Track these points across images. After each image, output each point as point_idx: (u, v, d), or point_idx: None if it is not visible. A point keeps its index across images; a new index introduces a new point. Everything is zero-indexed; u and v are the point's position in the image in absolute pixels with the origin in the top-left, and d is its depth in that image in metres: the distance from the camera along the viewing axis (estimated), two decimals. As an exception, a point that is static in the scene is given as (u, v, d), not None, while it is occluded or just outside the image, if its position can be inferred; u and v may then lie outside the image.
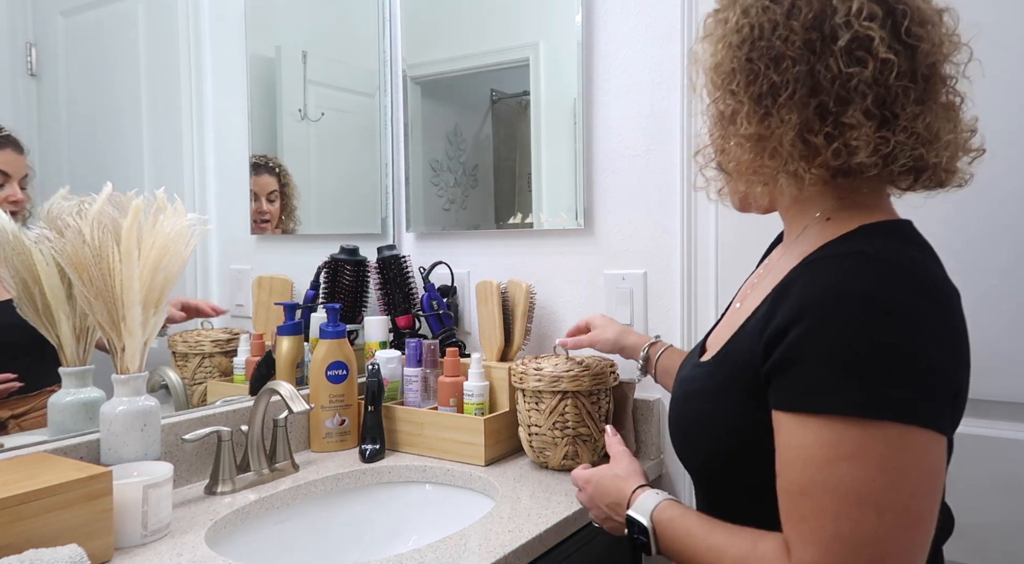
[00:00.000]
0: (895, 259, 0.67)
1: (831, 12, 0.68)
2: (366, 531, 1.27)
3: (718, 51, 0.74)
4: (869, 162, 0.69)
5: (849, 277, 0.65)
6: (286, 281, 1.51)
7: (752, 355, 0.71)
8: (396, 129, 1.75)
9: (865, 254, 0.67)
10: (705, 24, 0.78)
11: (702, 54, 0.77)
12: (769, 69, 0.70)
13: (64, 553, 0.84)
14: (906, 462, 0.62)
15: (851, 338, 0.63)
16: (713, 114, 0.78)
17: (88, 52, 1.22)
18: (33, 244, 1.07)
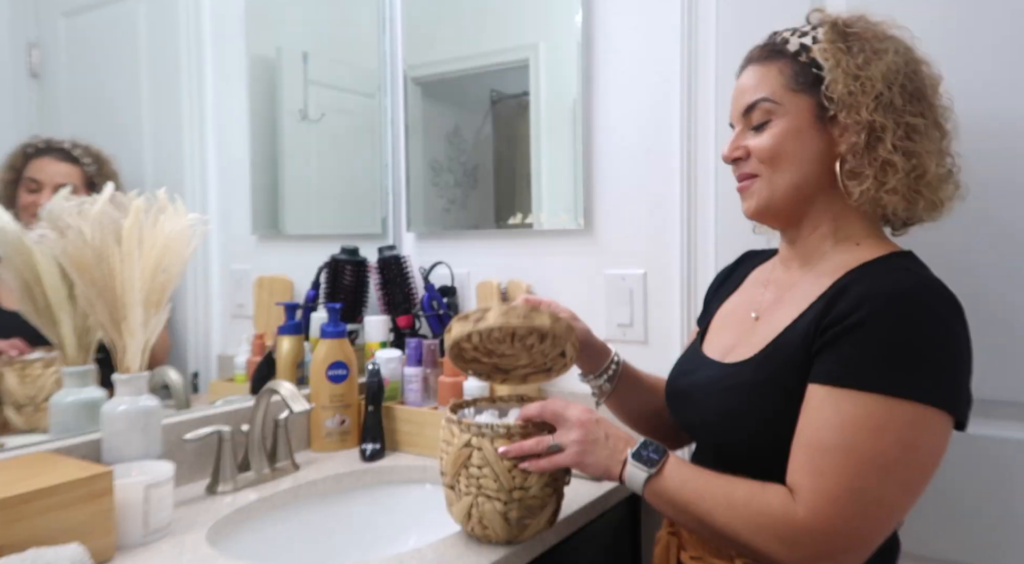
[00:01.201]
0: (930, 276, 0.82)
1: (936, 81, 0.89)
2: (366, 531, 1.27)
3: (872, 68, 0.84)
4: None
5: (902, 283, 0.78)
6: (286, 281, 1.51)
7: (805, 342, 0.81)
8: (396, 129, 1.75)
9: (910, 270, 0.82)
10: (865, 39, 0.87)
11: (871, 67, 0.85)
12: (932, 107, 0.87)
13: (66, 552, 0.84)
14: (920, 439, 0.75)
15: (899, 330, 0.75)
16: (885, 122, 0.84)
17: (89, 52, 1.22)
18: (34, 244, 1.08)
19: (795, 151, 0.88)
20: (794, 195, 0.90)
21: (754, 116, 0.91)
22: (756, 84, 0.92)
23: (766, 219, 0.95)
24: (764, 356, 0.86)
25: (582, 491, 1.18)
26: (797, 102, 0.89)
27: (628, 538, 1.32)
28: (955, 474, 1.10)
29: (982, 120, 1.05)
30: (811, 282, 0.88)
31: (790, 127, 0.88)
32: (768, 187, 0.90)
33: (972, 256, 1.08)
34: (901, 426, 0.74)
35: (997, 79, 1.07)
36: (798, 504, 0.76)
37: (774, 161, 0.89)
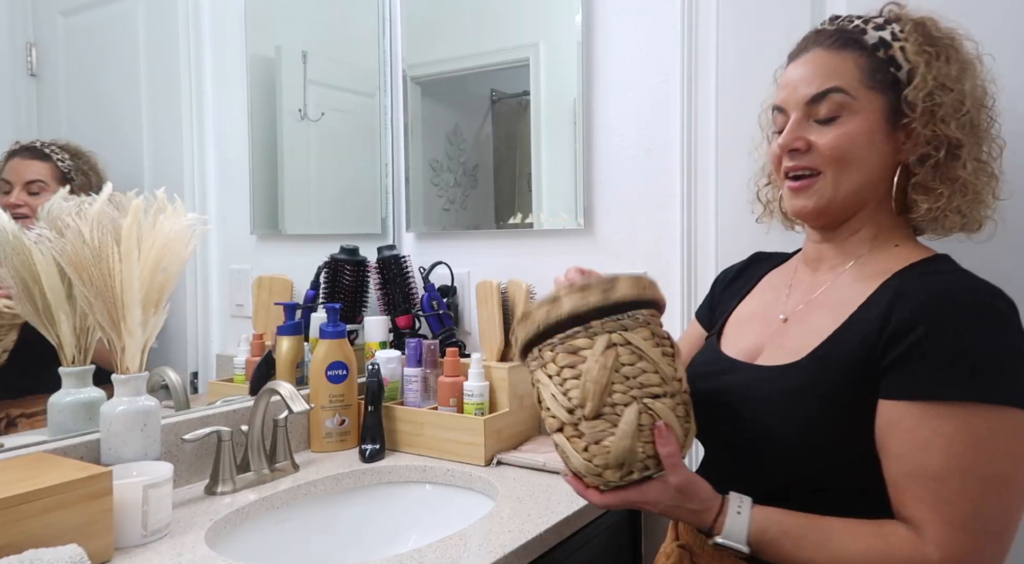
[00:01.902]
0: (980, 279, 0.78)
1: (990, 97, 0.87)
2: (366, 531, 1.27)
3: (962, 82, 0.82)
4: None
5: (964, 287, 0.76)
6: (286, 281, 1.51)
7: (864, 352, 0.76)
8: (396, 129, 1.75)
9: (960, 271, 0.79)
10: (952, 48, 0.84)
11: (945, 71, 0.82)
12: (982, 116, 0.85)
13: (64, 553, 0.84)
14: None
15: (978, 335, 0.72)
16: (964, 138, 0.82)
17: (88, 52, 1.22)
18: (33, 244, 1.08)
19: (865, 154, 0.83)
20: (854, 200, 0.85)
21: (822, 107, 0.84)
22: (828, 72, 0.84)
23: (816, 221, 0.90)
24: (813, 361, 0.80)
25: (582, 491, 1.18)
26: (871, 100, 0.83)
27: (628, 539, 1.32)
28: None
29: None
30: (850, 284, 0.85)
31: (862, 127, 0.83)
32: (832, 188, 0.85)
33: (999, 264, 1.07)
34: (1007, 435, 0.70)
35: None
36: (928, 542, 0.71)
37: (842, 162, 0.83)
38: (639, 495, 0.80)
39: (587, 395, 0.77)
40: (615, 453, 0.76)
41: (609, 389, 0.77)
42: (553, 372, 0.80)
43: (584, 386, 0.77)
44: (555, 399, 0.79)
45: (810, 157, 0.85)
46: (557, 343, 0.79)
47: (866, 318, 0.78)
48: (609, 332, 0.78)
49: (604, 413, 0.77)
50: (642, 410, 0.77)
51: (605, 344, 0.77)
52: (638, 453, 0.77)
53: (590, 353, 0.77)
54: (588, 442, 0.78)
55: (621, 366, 0.77)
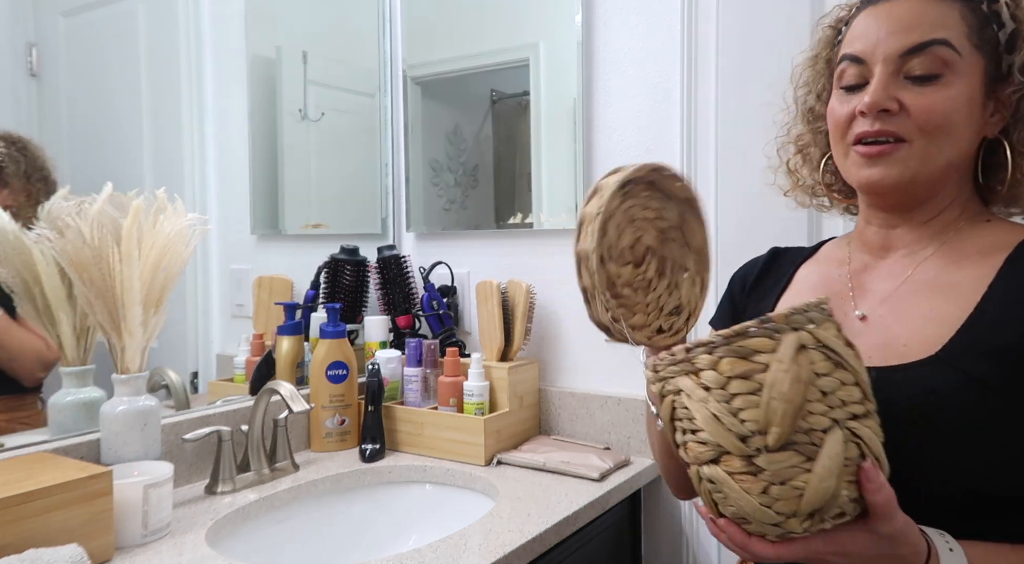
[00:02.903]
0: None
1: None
2: (366, 531, 1.27)
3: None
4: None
5: None
6: (286, 281, 1.51)
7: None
8: (396, 129, 1.75)
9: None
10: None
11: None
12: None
13: (64, 553, 0.84)
14: None
15: None
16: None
17: (88, 52, 1.22)
18: (33, 244, 1.08)
19: (962, 123, 0.71)
20: (941, 175, 0.73)
21: (920, 62, 0.70)
22: (932, 20, 0.70)
23: (893, 195, 0.76)
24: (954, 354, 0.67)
25: (581, 491, 1.18)
26: (974, 61, 0.70)
27: (628, 538, 1.32)
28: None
29: None
30: (947, 266, 0.73)
31: (965, 92, 0.70)
32: (921, 159, 0.71)
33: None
34: None
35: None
36: None
37: (939, 131, 0.70)
38: (830, 545, 0.61)
39: (773, 418, 0.57)
40: (811, 497, 0.57)
41: (804, 410, 0.57)
42: (713, 383, 0.60)
43: (769, 405, 0.57)
44: (718, 421, 0.59)
45: (899, 122, 0.71)
46: (720, 343, 0.60)
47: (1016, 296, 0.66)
48: (795, 328, 0.58)
49: (796, 442, 0.57)
50: (847, 438, 0.58)
51: (795, 346, 0.57)
52: (841, 496, 0.58)
53: (774, 359, 0.57)
54: (769, 481, 0.58)
55: (817, 377, 0.58)
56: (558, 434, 1.49)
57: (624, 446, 1.39)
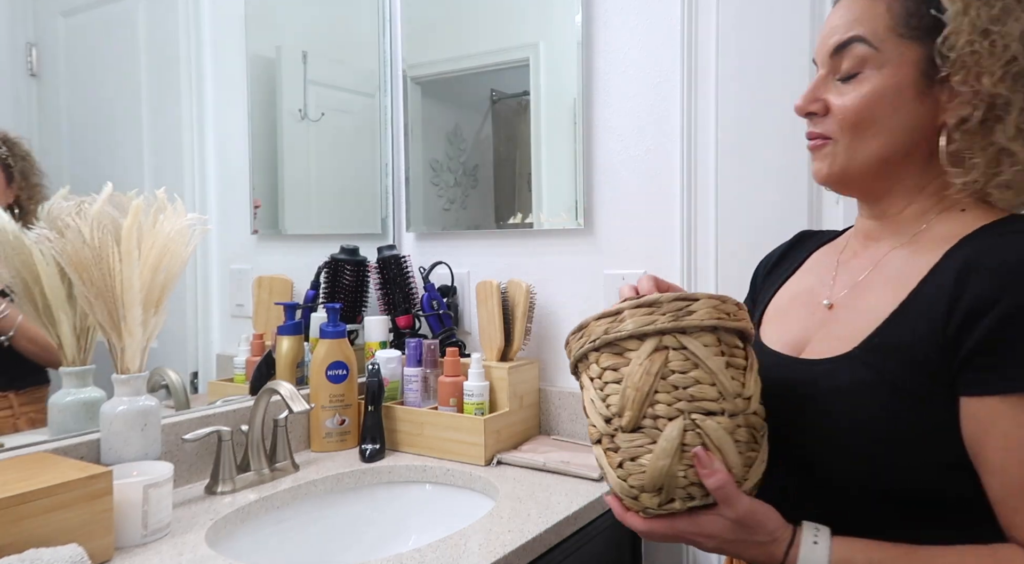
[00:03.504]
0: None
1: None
2: (366, 531, 1.27)
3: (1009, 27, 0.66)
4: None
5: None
6: (286, 281, 1.51)
7: (933, 335, 0.64)
8: (396, 129, 1.75)
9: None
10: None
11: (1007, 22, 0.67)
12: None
13: (64, 553, 0.84)
14: None
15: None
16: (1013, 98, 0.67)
17: (88, 52, 1.22)
18: (33, 244, 1.08)
19: (886, 117, 0.71)
20: (878, 168, 0.73)
21: (843, 61, 0.73)
22: (853, 18, 0.72)
23: (840, 189, 0.78)
24: (868, 350, 0.68)
25: (581, 491, 1.18)
26: (902, 51, 0.70)
27: (628, 538, 1.32)
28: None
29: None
30: (908, 258, 0.72)
31: (887, 84, 0.70)
32: (846, 155, 0.74)
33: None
34: None
35: None
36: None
37: (858, 127, 0.72)
38: (692, 526, 0.67)
39: (626, 403, 0.67)
40: (651, 474, 0.66)
41: (652, 398, 0.66)
42: (595, 375, 0.71)
43: (624, 392, 0.67)
44: (593, 405, 0.70)
45: (825, 122, 0.75)
46: (602, 342, 0.69)
47: (930, 294, 0.66)
48: (661, 333, 0.66)
49: (644, 426, 0.66)
50: (688, 427, 0.65)
51: (654, 346, 0.66)
52: (679, 478, 0.66)
53: (635, 355, 0.67)
54: (623, 458, 0.68)
55: (670, 373, 0.66)
56: (558, 434, 1.49)
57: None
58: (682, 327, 0.67)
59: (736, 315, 0.70)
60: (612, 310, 0.70)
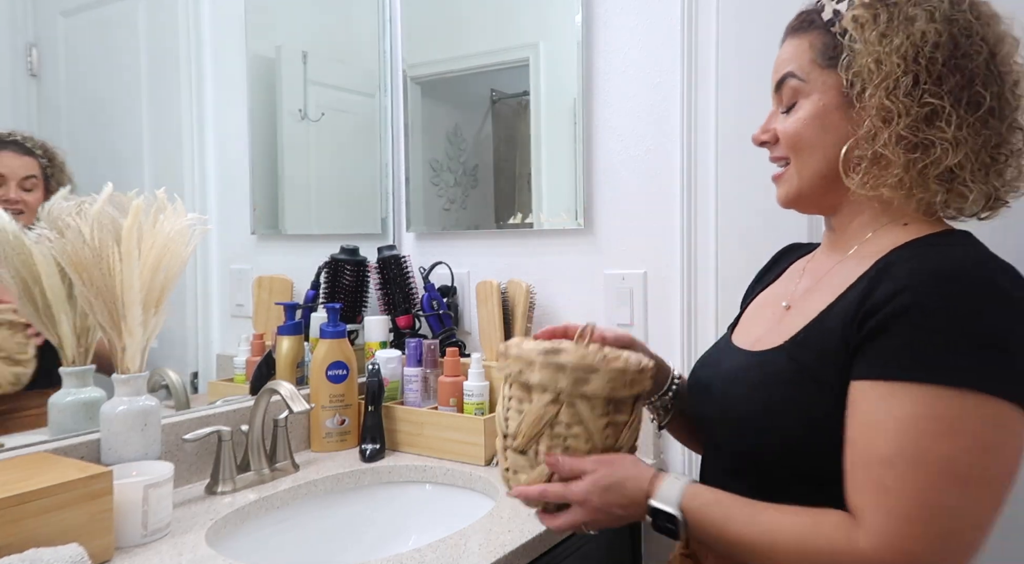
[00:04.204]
0: (988, 252, 0.71)
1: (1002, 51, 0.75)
2: (366, 531, 1.27)
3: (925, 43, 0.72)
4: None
5: (954, 261, 0.68)
6: (286, 281, 1.51)
7: (845, 331, 0.71)
8: (396, 129, 1.75)
9: (964, 245, 0.72)
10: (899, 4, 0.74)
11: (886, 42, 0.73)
12: (975, 81, 0.72)
13: (65, 552, 0.84)
14: (1000, 439, 0.63)
15: (958, 312, 0.64)
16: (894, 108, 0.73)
17: (88, 52, 1.22)
18: (34, 244, 1.08)
19: (816, 136, 0.80)
20: (821, 183, 0.81)
21: (783, 95, 0.84)
22: (787, 58, 0.83)
23: (800, 208, 0.87)
24: (795, 344, 0.76)
25: (582, 491, 1.18)
26: (824, 79, 0.79)
27: (628, 538, 1.32)
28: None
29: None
30: (849, 266, 0.79)
31: (815, 109, 0.80)
32: (796, 176, 0.83)
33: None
34: (975, 424, 0.62)
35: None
36: (862, 531, 0.64)
37: (796, 148, 0.82)
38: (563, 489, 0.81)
39: (519, 433, 0.83)
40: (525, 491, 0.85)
41: (538, 438, 0.82)
42: (507, 394, 0.85)
43: (520, 424, 0.83)
44: (501, 415, 0.86)
45: (777, 149, 0.86)
46: (515, 374, 0.83)
47: (850, 296, 0.73)
48: (559, 392, 0.80)
49: (527, 453, 0.83)
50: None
51: (550, 399, 0.81)
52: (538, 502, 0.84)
53: (536, 399, 0.81)
54: (509, 466, 0.86)
55: (557, 423, 0.81)
56: (558, 434, 1.49)
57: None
58: (577, 392, 0.80)
59: (632, 382, 0.82)
60: (534, 349, 0.82)
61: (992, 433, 0.63)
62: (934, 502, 0.62)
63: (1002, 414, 0.63)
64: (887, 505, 0.63)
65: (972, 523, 0.63)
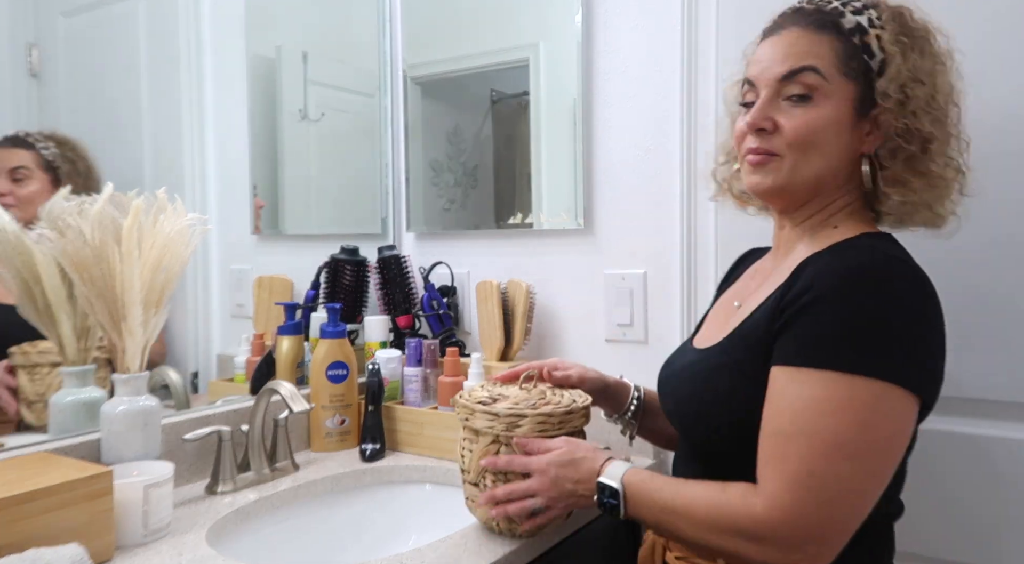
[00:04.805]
0: (896, 254, 0.78)
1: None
2: (366, 531, 1.27)
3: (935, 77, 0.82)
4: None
5: (860, 260, 0.76)
6: (286, 281, 1.51)
7: (768, 324, 0.79)
8: (396, 129, 1.75)
9: (875, 247, 0.79)
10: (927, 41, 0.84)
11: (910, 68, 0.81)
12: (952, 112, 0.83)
13: (65, 552, 0.84)
14: (882, 419, 0.72)
15: (856, 307, 0.73)
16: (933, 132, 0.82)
17: (88, 52, 1.22)
18: (34, 244, 1.08)
19: (829, 142, 0.82)
20: (812, 185, 0.85)
21: (794, 85, 0.83)
22: (804, 50, 0.83)
23: (773, 199, 0.89)
24: (730, 340, 0.85)
25: (582, 491, 1.18)
26: (843, 87, 0.82)
27: (628, 538, 1.32)
28: (955, 474, 1.10)
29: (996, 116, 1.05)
30: (787, 264, 0.86)
31: (831, 114, 0.82)
32: (790, 172, 0.84)
33: (974, 255, 1.08)
34: (861, 405, 0.71)
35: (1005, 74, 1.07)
36: (758, 496, 0.74)
37: (805, 148, 0.83)
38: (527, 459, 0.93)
39: (470, 468, 0.99)
40: (479, 515, 1.01)
41: (484, 473, 0.97)
42: (462, 435, 1.02)
43: (471, 461, 0.99)
44: (459, 453, 1.03)
45: (773, 139, 0.84)
46: (464, 420, 0.99)
47: (777, 293, 0.81)
48: (497, 435, 0.96)
49: (478, 484, 0.99)
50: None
51: (491, 440, 0.97)
52: (492, 525, 1.00)
53: (480, 440, 0.97)
54: (467, 495, 1.02)
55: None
56: (558, 434, 1.49)
57: (624, 446, 1.39)
58: (511, 435, 0.95)
59: (561, 423, 0.97)
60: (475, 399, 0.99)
61: (875, 412, 0.72)
62: (821, 470, 0.71)
63: (886, 395, 0.72)
64: (779, 471, 0.73)
65: (854, 490, 0.72)
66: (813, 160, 0.83)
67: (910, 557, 1.00)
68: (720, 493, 0.77)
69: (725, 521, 0.75)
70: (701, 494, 0.79)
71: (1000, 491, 1.08)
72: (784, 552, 0.72)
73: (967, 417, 1.09)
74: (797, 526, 0.72)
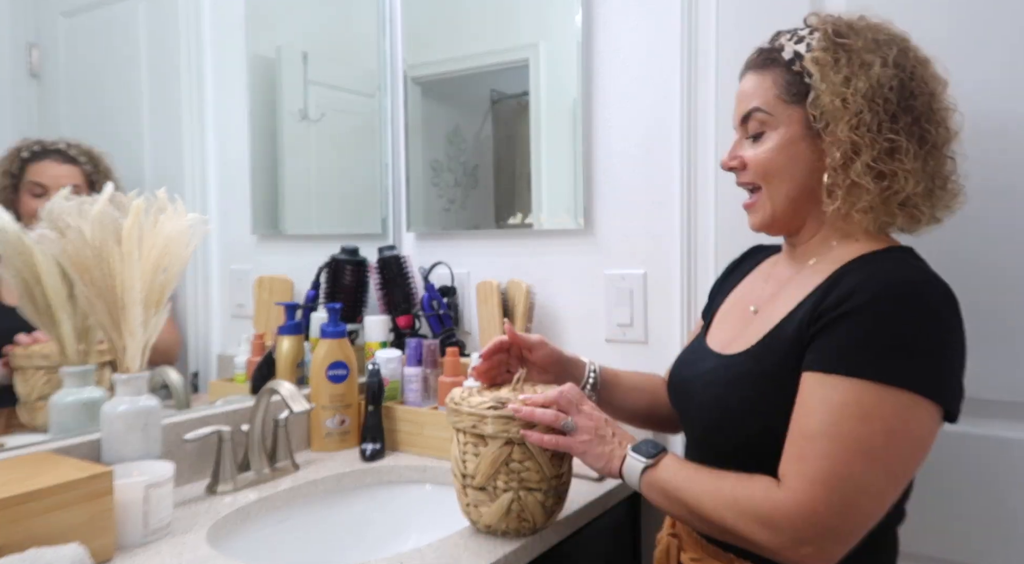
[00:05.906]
0: (926, 268, 0.82)
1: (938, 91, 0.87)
2: (366, 531, 1.27)
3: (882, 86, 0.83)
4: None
5: (896, 273, 0.79)
6: (286, 281, 1.51)
7: (800, 331, 0.82)
8: (396, 129, 1.75)
9: (906, 261, 0.83)
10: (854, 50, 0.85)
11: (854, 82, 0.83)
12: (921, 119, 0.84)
13: (66, 552, 0.84)
14: (908, 428, 0.75)
15: (890, 318, 0.76)
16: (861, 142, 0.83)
17: (89, 52, 1.22)
18: (34, 244, 1.08)
19: (787, 164, 0.89)
20: (792, 206, 0.91)
21: (750, 126, 0.92)
22: (751, 92, 0.92)
23: (771, 232, 0.96)
24: (760, 347, 0.87)
25: (583, 491, 1.18)
26: (790, 113, 0.89)
27: (628, 538, 1.32)
28: (955, 474, 1.10)
29: (990, 122, 1.05)
30: (808, 275, 0.89)
31: (782, 140, 0.89)
32: (769, 202, 0.92)
33: (973, 256, 1.08)
34: (888, 413, 0.74)
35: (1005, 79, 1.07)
36: (781, 489, 0.77)
37: (768, 176, 0.91)
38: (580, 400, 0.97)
39: (479, 473, 0.98)
40: (486, 521, 1.00)
41: (496, 475, 0.97)
42: (461, 441, 1.00)
43: (479, 465, 0.97)
44: (457, 459, 1.00)
45: (744, 175, 0.94)
46: (469, 428, 0.98)
47: (808, 304, 0.83)
48: (511, 437, 0.95)
49: (487, 488, 0.98)
50: (514, 499, 0.97)
51: (505, 441, 0.96)
52: (502, 527, 0.99)
53: (491, 443, 0.96)
54: (470, 501, 1.00)
55: (512, 461, 0.96)
56: (558, 434, 1.49)
57: (624, 446, 1.39)
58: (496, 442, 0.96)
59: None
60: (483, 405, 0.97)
61: (902, 421, 0.75)
62: (844, 471, 0.74)
63: (914, 406, 0.75)
64: (803, 470, 0.76)
65: (873, 493, 0.75)
66: (781, 186, 0.90)
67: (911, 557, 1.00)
68: (748, 479, 0.80)
69: (745, 502, 0.78)
70: (731, 476, 0.82)
71: (1000, 491, 1.08)
72: (796, 543, 0.75)
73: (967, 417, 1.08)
74: (813, 520, 0.74)
